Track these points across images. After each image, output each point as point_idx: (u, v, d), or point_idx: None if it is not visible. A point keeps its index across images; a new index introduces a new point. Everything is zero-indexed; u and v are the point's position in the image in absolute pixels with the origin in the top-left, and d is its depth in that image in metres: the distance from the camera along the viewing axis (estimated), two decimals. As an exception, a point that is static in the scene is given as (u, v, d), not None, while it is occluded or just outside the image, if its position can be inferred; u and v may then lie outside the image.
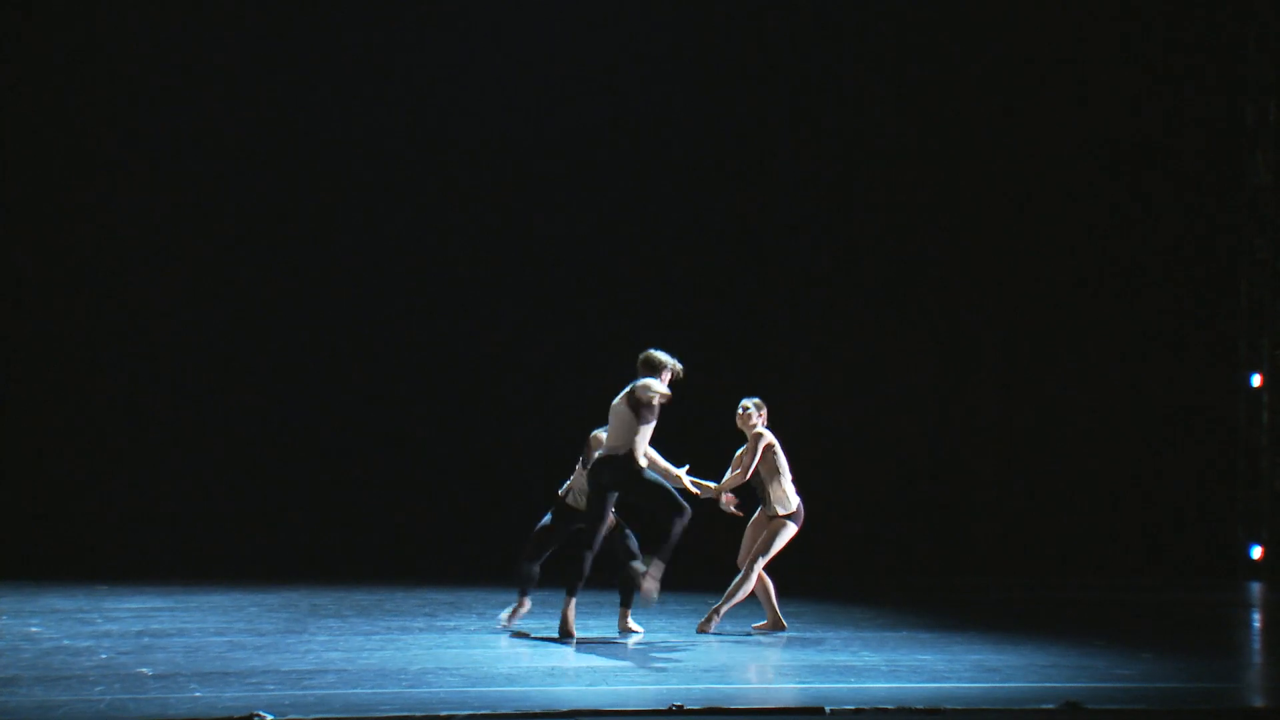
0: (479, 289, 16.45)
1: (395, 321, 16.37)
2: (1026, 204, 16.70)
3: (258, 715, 8.01)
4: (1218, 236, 16.61)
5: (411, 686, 9.09)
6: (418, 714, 8.19)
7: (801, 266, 16.72)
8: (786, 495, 11.49)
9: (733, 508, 11.42)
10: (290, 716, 8.06)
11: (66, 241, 16.20)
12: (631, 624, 11.39)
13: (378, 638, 11.11)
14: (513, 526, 14.78)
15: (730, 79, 16.62)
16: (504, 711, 8.30)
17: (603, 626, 11.81)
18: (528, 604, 11.55)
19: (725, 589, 11.58)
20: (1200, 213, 16.60)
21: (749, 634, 11.53)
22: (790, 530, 11.48)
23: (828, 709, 8.40)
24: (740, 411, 11.54)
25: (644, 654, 10.55)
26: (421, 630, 11.46)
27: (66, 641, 10.81)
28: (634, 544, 11.31)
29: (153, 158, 16.24)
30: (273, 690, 8.87)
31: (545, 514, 11.62)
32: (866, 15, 16.61)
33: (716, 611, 11.53)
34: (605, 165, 16.55)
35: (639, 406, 10.90)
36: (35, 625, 11.65)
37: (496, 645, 10.89)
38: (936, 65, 16.64)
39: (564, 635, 11.03)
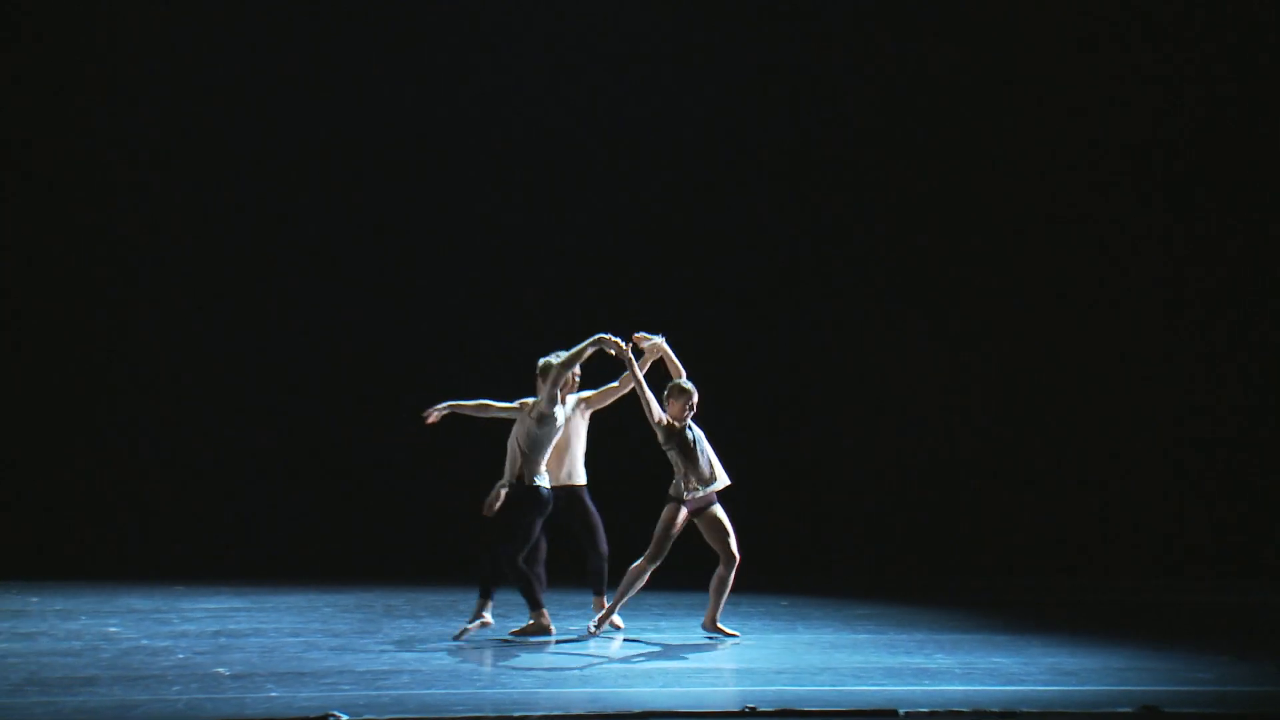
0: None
1: (440, 316, 16.39)
2: (1065, 208, 16.60)
3: (333, 715, 8.05)
4: (1262, 238, 16.47)
5: (485, 687, 9.12)
6: (491, 714, 8.21)
7: (845, 269, 16.65)
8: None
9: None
10: (365, 717, 8.10)
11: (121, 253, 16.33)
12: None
13: (451, 638, 11.15)
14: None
15: (756, 78, 16.56)
16: (577, 712, 8.31)
17: (675, 628, 11.81)
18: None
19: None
20: (1243, 217, 16.47)
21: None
22: (684, 514, 11.22)
23: (901, 711, 8.37)
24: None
25: (717, 655, 10.54)
26: (494, 631, 11.48)
27: (144, 641, 10.92)
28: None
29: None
30: (348, 690, 8.92)
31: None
32: (898, 14, 16.55)
33: (605, 608, 11.40)
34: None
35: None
36: (114, 625, 11.77)
37: (570, 646, 10.90)
38: (972, 71, 16.54)
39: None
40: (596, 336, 11.12)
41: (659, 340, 11.32)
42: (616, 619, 11.46)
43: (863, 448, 16.48)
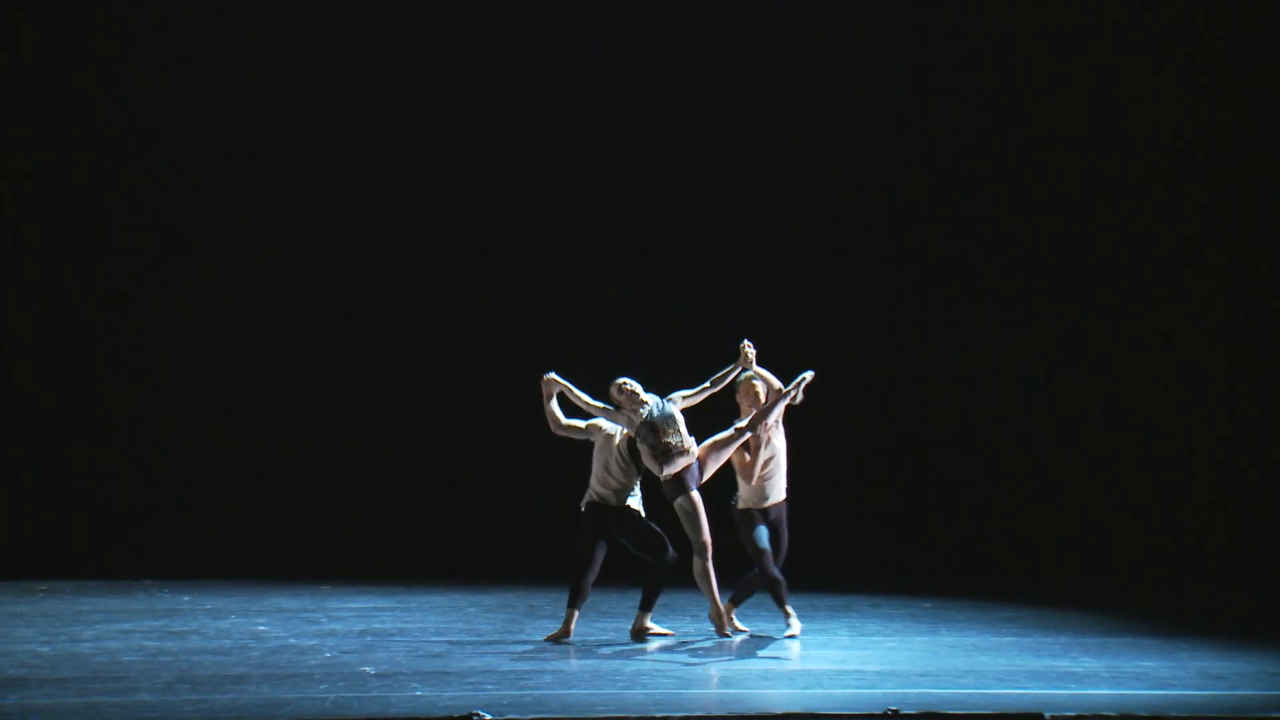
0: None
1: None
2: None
3: (477, 714, 8.12)
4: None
5: (627, 688, 9.14)
6: (633, 715, 8.24)
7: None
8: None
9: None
10: (508, 716, 8.16)
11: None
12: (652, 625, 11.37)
13: (592, 638, 11.20)
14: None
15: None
16: (718, 714, 8.32)
17: (816, 629, 11.76)
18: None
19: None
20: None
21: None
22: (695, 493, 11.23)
23: (1047, 715, 8.27)
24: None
25: (859, 658, 10.48)
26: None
27: (292, 640, 11.09)
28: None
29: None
30: (491, 690, 9.00)
31: None
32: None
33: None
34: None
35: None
36: (263, 624, 11.97)
37: (710, 648, 10.91)
38: (1047, 66, 16.29)
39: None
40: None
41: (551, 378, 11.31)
42: (738, 623, 11.50)
43: (965, 451, 16.34)
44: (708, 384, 11.36)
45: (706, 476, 11.22)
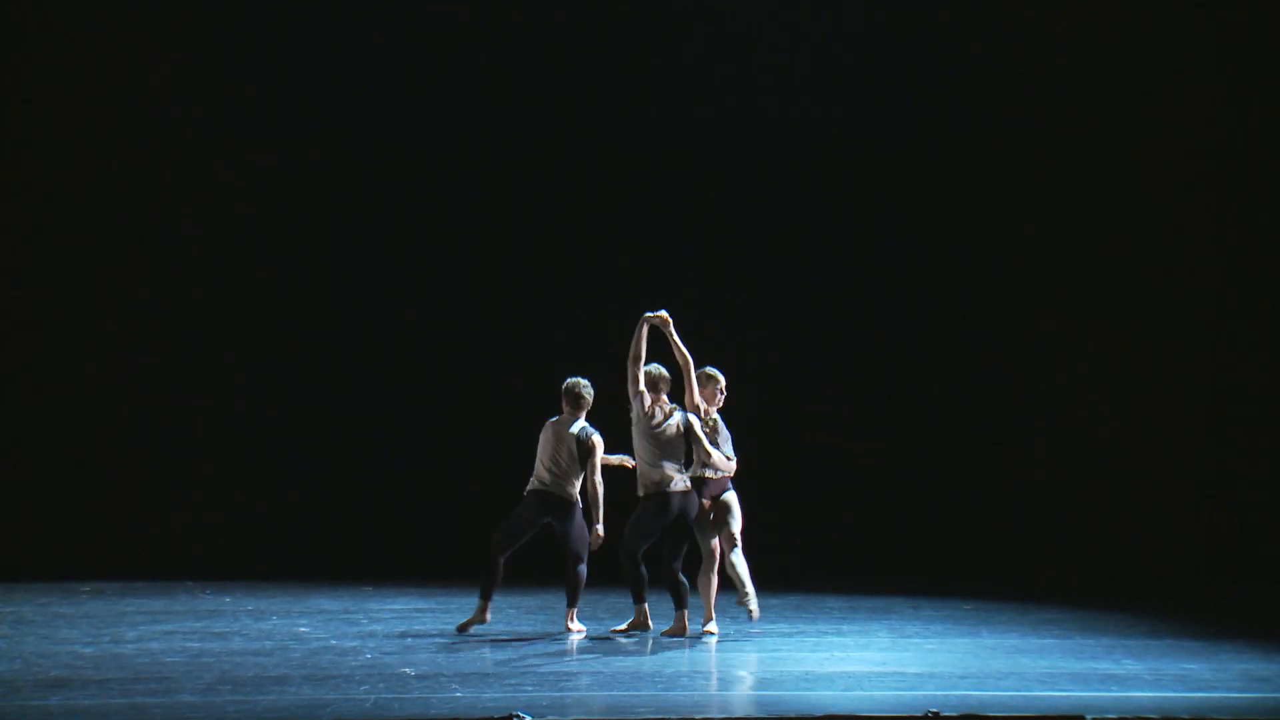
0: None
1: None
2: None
3: (516, 716, 8.14)
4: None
5: (667, 689, 9.15)
6: (673, 717, 8.24)
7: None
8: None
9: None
10: (548, 717, 8.17)
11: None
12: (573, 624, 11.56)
13: (633, 640, 11.21)
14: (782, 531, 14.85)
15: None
16: (759, 716, 8.32)
17: (856, 631, 11.74)
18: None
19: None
20: None
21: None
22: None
23: (1088, 717, 8.24)
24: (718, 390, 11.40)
25: (900, 659, 10.46)
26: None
27: (333, 641, 11.12)
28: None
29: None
30: (531, 691, 9.02)
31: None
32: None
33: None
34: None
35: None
36: (304, 625, 12.01)
37: (751, 649, 10.90)
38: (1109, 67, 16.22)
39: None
40: (642, 318, 11.34)
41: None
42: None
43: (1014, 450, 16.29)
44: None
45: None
